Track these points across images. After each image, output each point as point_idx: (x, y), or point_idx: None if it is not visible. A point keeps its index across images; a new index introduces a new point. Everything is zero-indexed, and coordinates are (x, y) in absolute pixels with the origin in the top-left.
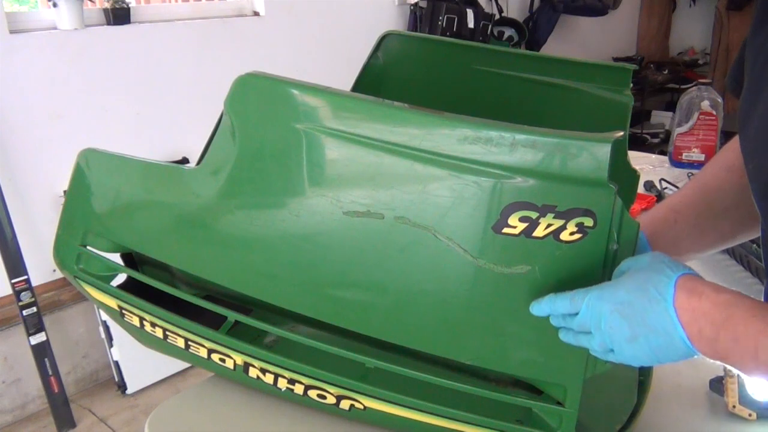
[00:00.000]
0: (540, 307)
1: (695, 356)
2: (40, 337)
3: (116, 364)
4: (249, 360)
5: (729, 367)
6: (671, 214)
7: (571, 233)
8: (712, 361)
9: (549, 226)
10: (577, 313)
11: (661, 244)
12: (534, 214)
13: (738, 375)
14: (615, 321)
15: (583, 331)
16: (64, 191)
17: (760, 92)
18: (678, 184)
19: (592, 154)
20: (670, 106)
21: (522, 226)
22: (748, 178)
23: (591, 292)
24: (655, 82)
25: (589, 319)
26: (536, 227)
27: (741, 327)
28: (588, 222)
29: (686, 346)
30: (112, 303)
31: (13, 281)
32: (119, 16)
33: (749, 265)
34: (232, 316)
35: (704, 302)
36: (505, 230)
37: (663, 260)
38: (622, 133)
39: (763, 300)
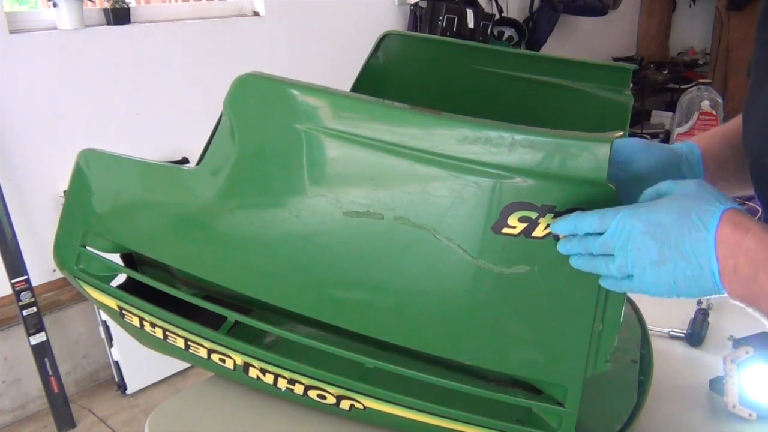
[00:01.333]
0: (563, 225)
1: (719, 294)
2: (40, 337)
3: (116, 364)
4: (249, 360)
5: (756, 312)
6: (724, 137)
7: None
8: (710, 361)
9: (548, 226)
10: (601, 234)
11: (710, 166)
12: (533, 214)
13: (738, 375)
14: (645, 242)
15: (604, 253)
16: (64, 191)
17: (762, 87)
18: None
19: (591, 154)
20: (670, 106)
21: (521, 226)
22: (748, 169)
23: (623, 210)
24: (655, 82)
25: (616, 238)
26: (536, 227)
27: None
28: None
29: (714, 282)
30: (112, 303)
31: (13, 281)
32: (119, 16)
33: None
34: (232, 316)
35: (749, 239)
36: (505, 230)
37: (711, 190)
38: (621, 133)
39: None
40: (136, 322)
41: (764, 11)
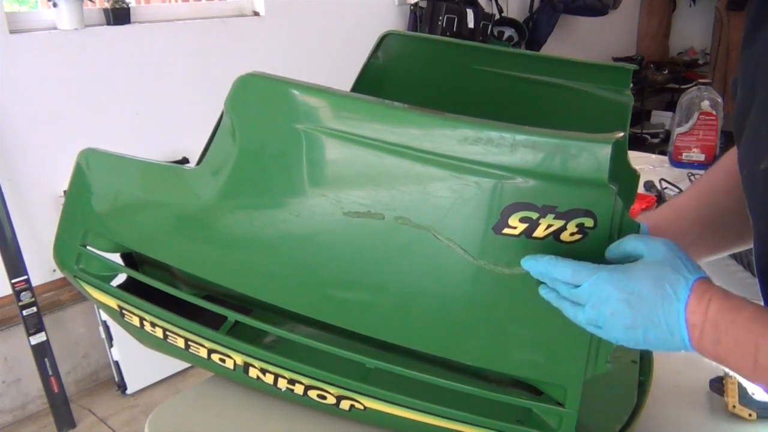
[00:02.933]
0: (535, 264)
1: (687, 351)
2: (40, 337)
3: (116, 364)
4: (249, 360)
5: (728, 371)
6: (671, 212)
7: (572, 234)
8: (710, 361)
9: (549, 226)
10: (573, 285)
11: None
12: (534, 215)
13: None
14: (619, 308)
15: (574, 301)
16: (64, 191)
17: (752, 102)
18: (678, 184)
19: (592, 154)
20: (670, 106)
21: (522, 226)
22: (742, 186)
23: (600, 272)
24: (655, 82)
25: (588, 297)
26: (536, 228)
27: (743, 331)
28: (588, 222)
29: (683, 345)
30: (112, 303)
31: (13, 281)
32: (119, 16)
33: (749, 265)
34: (232, 316)
35: (712, 307)
36: (506, 231)
37: (679, 256)
38: (622, 134)
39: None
40: (136, 321)
41: (747, 31)
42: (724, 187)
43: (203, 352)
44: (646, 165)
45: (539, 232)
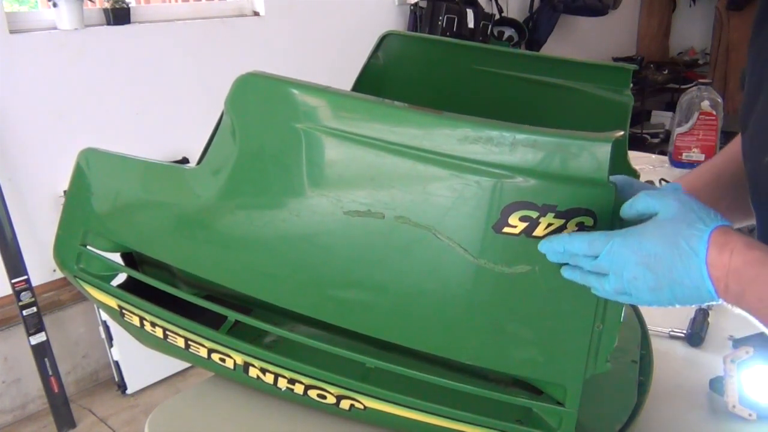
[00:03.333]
0: (550, 246)
1: (717, 302)
2: (40, 337)
3: (116, 364)
4: (249, 360)
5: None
6: (713, 169)
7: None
8: (710, 361)
9: (549, 225)
10: (592, 256)
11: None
12: (534, 214)
13: (738, 375)
14: (640, 271)
15: (597, 272)
16: (64, 191)
17: (759, 94)
18: None
19: (592, 153)
20: (670, 106)
21: (522, 225)
22: (747, 179)
23: (614, 239)
24: (655, 82)
25: (609, 265)
26: (536, 227)
27: (766, 287)
28: (588, 221)
29: (711, 297)
30: (112, 303)
31: (13, 281)
32: (119, 16)
33: None
34: (232, 315)
35: (735, 259)
36: (506, 230)
37: (693, 208)
38: (622, 133)
39: None
40: (136, 321)
41: (756, 22)
42: None
43: (203, 352)
44: (646, 165)
45: (539, 231)
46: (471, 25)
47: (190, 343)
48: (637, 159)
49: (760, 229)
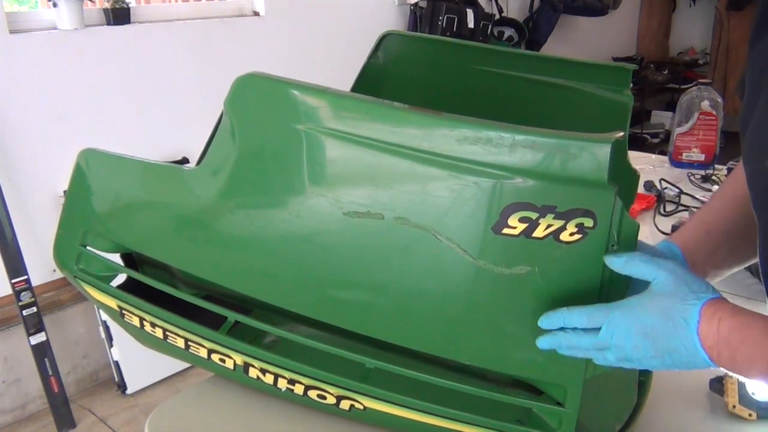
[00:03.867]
0: (551, 321)
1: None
2: (40, 337)
3: (116, 364)
4: (249, 360)
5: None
6: (702, 228)
7: (571, 234)
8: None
9: (549, 226)
10: (592, 329)
11: (699, 258)
12: (534, 215)
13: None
14: (640, 341)
15: (600, 348)
16: (64, 191)
17: (757, 99)
18: (678, 184)
19: (592, 154)
20: (670, 106)
21: (522, 226)
22: (747, 183)
23: (613, 312)
24: (655, 82)
25: (610, 338)
26: (536, 228)
27: (754, 347)
28: (588, 222)
29: (708, 364)
30: (112, 303)
31: (13, 281)
32: (119, 16)
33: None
34: (232, 316)
35: (722, 327)
36: (505, 231)
37: (686, 281)
38: (622, 134)
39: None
40: (136, 322)
41: (755, 29)
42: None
43: (203, 352)
44: (646, 165)
45: (539, 232)
46: (471, 25)
47: (189, 343)
48: (637, 159)
49: (763, 234)
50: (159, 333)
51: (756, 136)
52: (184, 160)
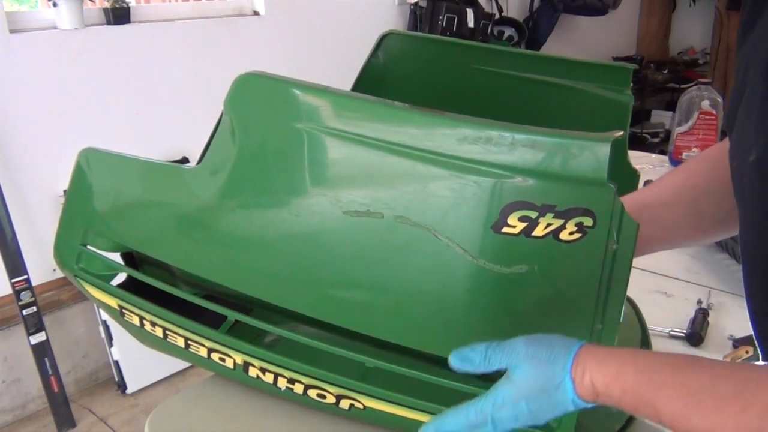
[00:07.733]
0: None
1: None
2: (40, 337)
3: (116, 363)
4: (249, 359)
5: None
6: (655, 201)
7: (571, 233)
8: None
9: (548, 225)
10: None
11: (652, 227)
12: (533, 214)
13: None
14: (521, 408)
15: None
16: (64, 191)
17: (741, 98)
18: None
19: (591, 153)
20: (670, 106)
21: (521, 225)
22: (731, 177)
23: (491, 407)
24: (655, 82)
25: (502, 426)
26: (536, 227)
27: (636, 399)
28: (587, 221)
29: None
30: (112, 302)
31: (13, 281)
32: (119, 15)
33: (733, 252)
34: (232, 315)
35: (596, 384)
36: (505, 230)
37: (544, 359)
38: (621, 133)
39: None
40: (136, 321)
41: (742, 27)
42: (710, 177)
43: (203, 352)
44: (646, 165)
45: (538, 231)
46: (471, 24)
47: (190, 342)
48: (637, 159)
49: (745, 225)
50: (159, 332)
51: (740, 134)
52: (185, 160)
